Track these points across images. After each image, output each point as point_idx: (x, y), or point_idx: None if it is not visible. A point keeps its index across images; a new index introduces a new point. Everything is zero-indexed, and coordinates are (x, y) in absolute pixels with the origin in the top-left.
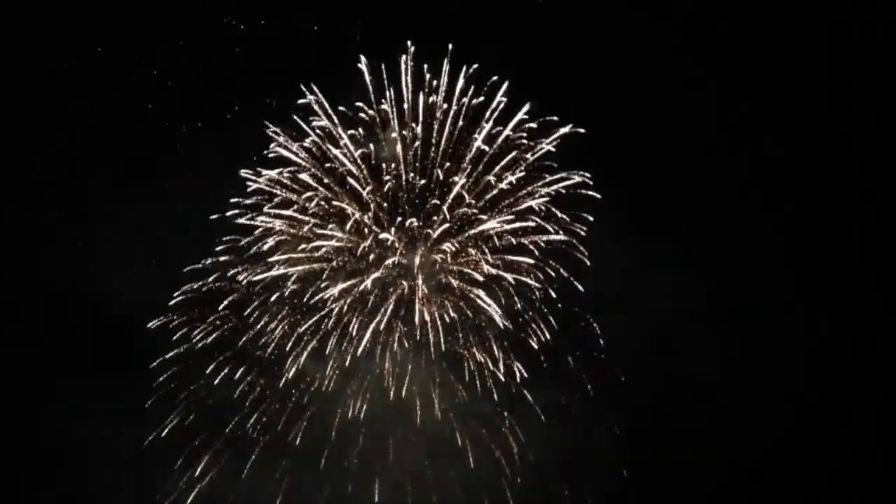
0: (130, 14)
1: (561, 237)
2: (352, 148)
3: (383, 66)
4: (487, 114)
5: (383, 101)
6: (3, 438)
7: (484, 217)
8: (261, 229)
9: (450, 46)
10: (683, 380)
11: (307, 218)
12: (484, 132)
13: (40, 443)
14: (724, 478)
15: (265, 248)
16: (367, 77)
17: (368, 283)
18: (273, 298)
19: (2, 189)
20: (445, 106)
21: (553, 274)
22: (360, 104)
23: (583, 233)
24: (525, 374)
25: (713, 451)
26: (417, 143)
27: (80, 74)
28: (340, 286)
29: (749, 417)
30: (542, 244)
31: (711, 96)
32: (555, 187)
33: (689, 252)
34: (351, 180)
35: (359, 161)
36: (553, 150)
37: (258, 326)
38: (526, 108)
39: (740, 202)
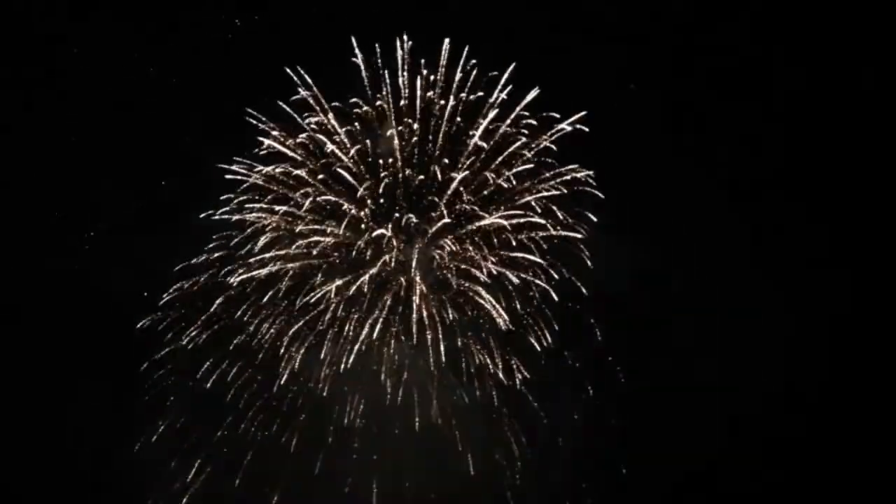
0: (129, 11)
1: (561, 233)
2: (348, 143)
3: (380, 61)
4: (485, 109)
5: (379, 96)
6: None
7: (483, 214)
8: (255, 226)
9: (447, 41)
10: (683, 379)
11: (303, 214)
12: (482, 127)
13: (34, 443)
14: (724, 477)
15: (259, 244)
16: (364, 72)
17: (365, 280)
18: (267, 296)
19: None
20: (443, 101)
21: (553, 273)
22: (356, 100)
23: (584, 231)
24: (525, 374)
25: (713, 451)
26: (415, 139)
27: (77, 72)
28: (336, 283)
29: (749, 417)
30: (542, 243)
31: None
32: (553, 182)
33: (690, 252)
34: (347, 176)
35: (355, 156)
36: (553, 147)
37: (252, 325)
38: (533, 93)
39: (742, 202)
